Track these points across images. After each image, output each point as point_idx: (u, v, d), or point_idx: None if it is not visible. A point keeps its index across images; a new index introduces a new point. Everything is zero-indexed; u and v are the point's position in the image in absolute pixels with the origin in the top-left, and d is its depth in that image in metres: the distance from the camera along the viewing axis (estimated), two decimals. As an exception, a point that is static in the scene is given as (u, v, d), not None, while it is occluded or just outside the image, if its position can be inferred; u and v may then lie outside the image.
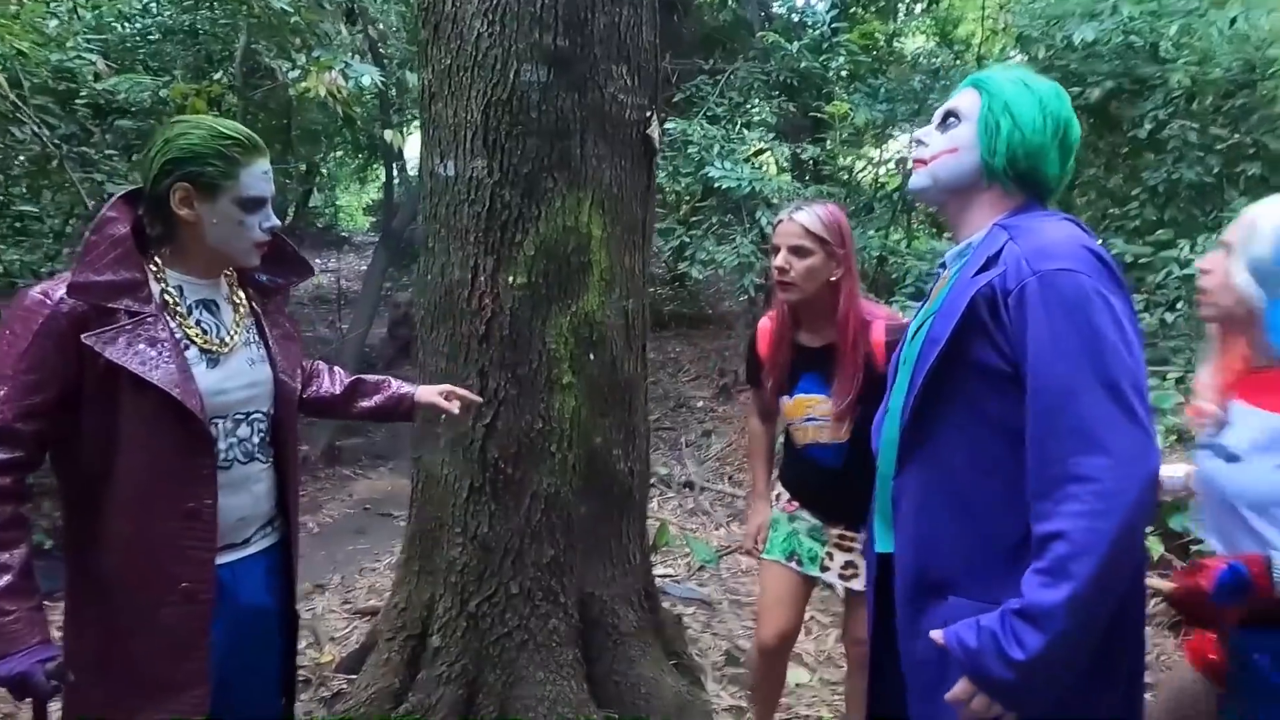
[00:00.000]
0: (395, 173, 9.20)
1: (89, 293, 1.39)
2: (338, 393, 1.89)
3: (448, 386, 1.96)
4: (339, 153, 13.21)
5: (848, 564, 2.27)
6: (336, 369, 1.96)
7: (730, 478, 5.73)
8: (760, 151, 6.89)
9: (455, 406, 1.93)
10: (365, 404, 1.90)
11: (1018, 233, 1.32)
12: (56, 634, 1.46)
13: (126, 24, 5.94)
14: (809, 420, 2.26)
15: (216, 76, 4.41)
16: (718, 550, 4.31)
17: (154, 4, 5.92)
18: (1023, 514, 1.26)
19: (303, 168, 7.70)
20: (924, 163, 1.46)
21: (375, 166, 14.86)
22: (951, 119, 1.44)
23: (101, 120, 5.59)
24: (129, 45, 5.97)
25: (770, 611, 2.35)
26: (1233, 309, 1.54)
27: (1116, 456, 1.17)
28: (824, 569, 2.31)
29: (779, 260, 2.17)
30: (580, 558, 2.57)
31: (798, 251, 2.15)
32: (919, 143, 1.48)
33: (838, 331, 2.19)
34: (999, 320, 1.27)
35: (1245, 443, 1.46)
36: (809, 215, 2.17)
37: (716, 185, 5.43)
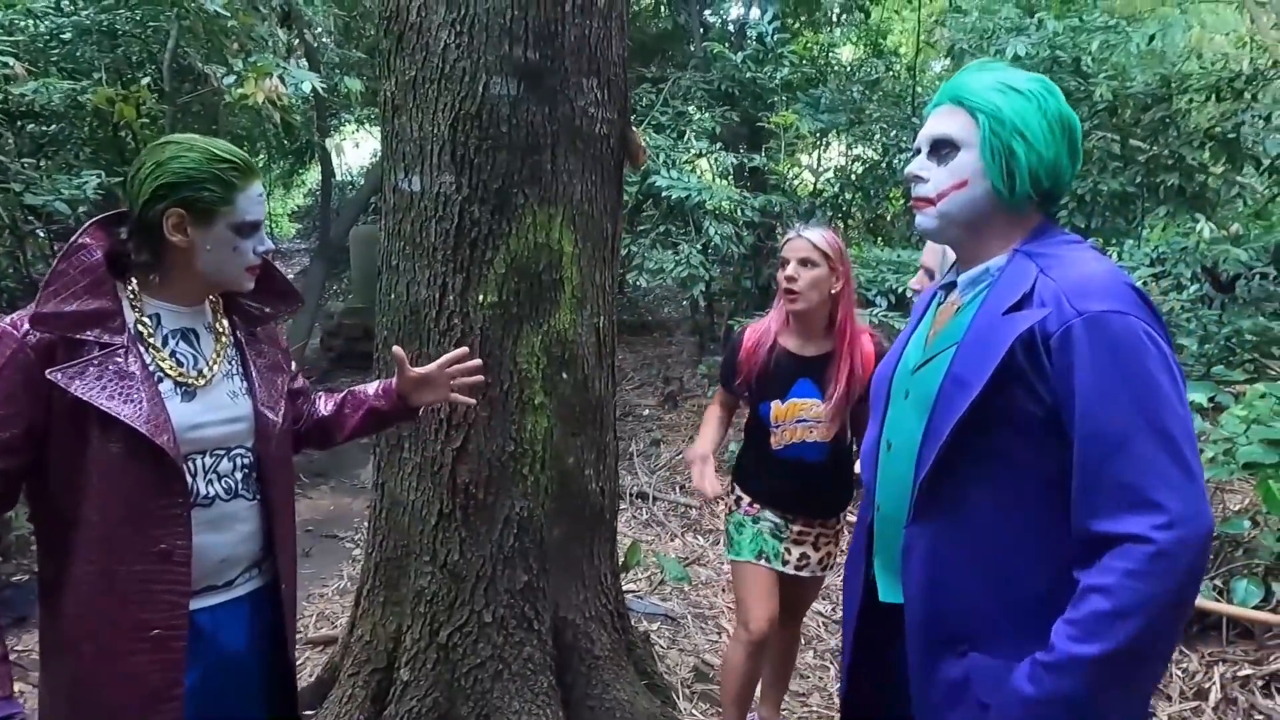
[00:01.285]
0: (330, 180, 8.90)
1: (54, 324, 1.31)
2: (328, 413, 1.78)
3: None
4: (262, 158, 12.78)
5: (801, 556, 2.52)
6: (336, 394, 1.85)
7: (682, 487, 5.70)
8: (698, 156, 6.91)
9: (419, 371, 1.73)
10: (357, 415, 1.77)
11: (1049, 264, 1.24)
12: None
13: (36, 23, 5.59)
14: (799, 421, 2.44)
15: (143, 80, 4.17)
16: (678, 562, 4.28)
17: (66, 2, 5.58)
18: (1050, 567, 1.21)
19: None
20: (928, 201, 1.34)
21: (302, 172, 14.40)
22: (947, 148, 1.32)
23: (11, 125, 5.26)
24: (39, 45, 5.63)
25: (756, 605, 2.49)
26: None
27: (1172, 514, 1.09)
28: (784, 563, 2.51)
29: (789, 271, 2.38)
30: (553, 581, 2.50)
31: (805, 264, 2.37)
32: (917, 178, 1.36)
33: (836, 340, 2.42)
34: (1038, 365, 1.18)
35: None
36: (815, 234, 2.40)
37: (664, 195, 5.41)
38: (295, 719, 1.65)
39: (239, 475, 1.49)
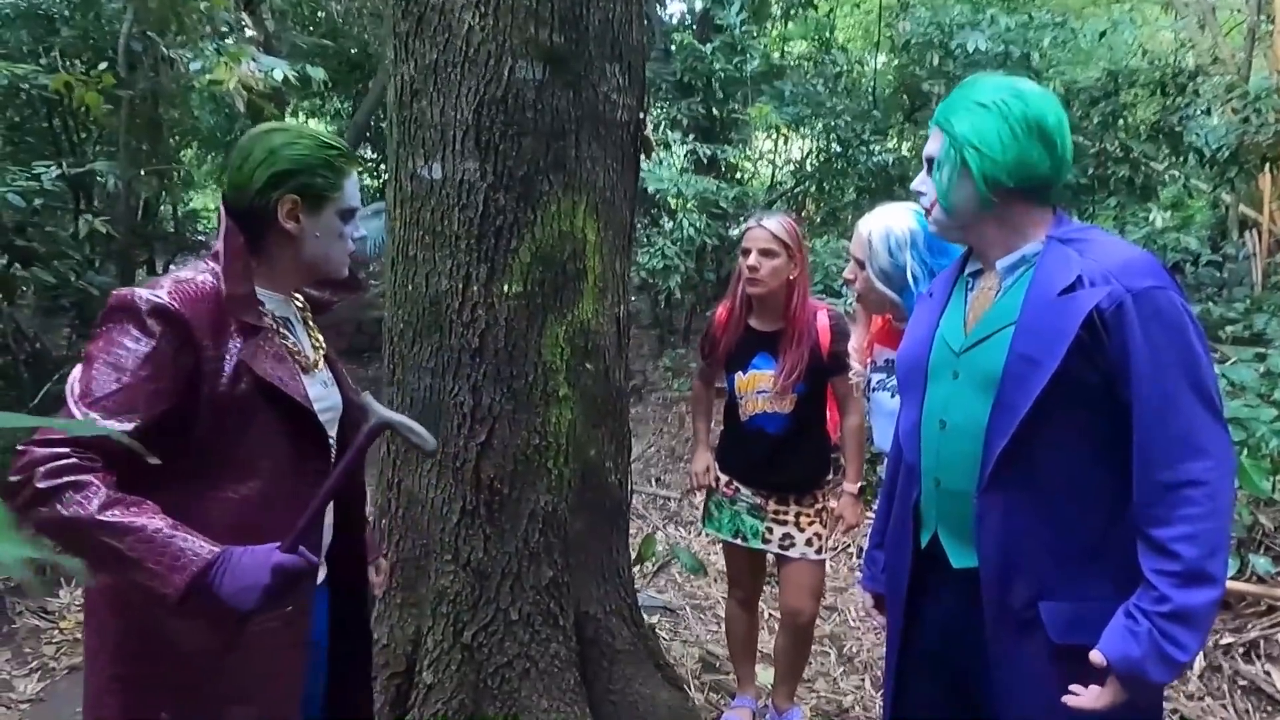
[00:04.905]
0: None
1: (240, 306, 1.31)
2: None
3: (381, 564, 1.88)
4: (191, 151, 12.26)
5: (785, 536, 2.63)
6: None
7: (657, 479, 5.70)
8: (666, 147, 6.90)
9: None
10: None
11: (1084, 248, 1.38)
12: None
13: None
14: (760, 393, 2.60)
15: (101, 66, 3.95)
16: (666, 549, 4.27)
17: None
18: (1103, 515, 1.36)
19: (178, 168, 7.06)
20: (927, 211, 1.54)
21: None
22: (933, 165, 1.49)
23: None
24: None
25: (739, 575, 2.82)
26: (883, 303, 2.13)
27: (1216, 457, 1.28)
28: (765, 541, 2.65)
29: (751, 260, 2.51)
30: (574, 576, 2.46)
31: (766, 254, 2.50)
32: (919, 192, 1.54)
33: (787, 321, 2.56)
34: (1096, 337, 1.31)
35: None
36: (774, 223, 2.54)
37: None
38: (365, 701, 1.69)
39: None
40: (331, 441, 1.51)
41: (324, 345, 1.55)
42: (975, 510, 1.43)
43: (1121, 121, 6.25)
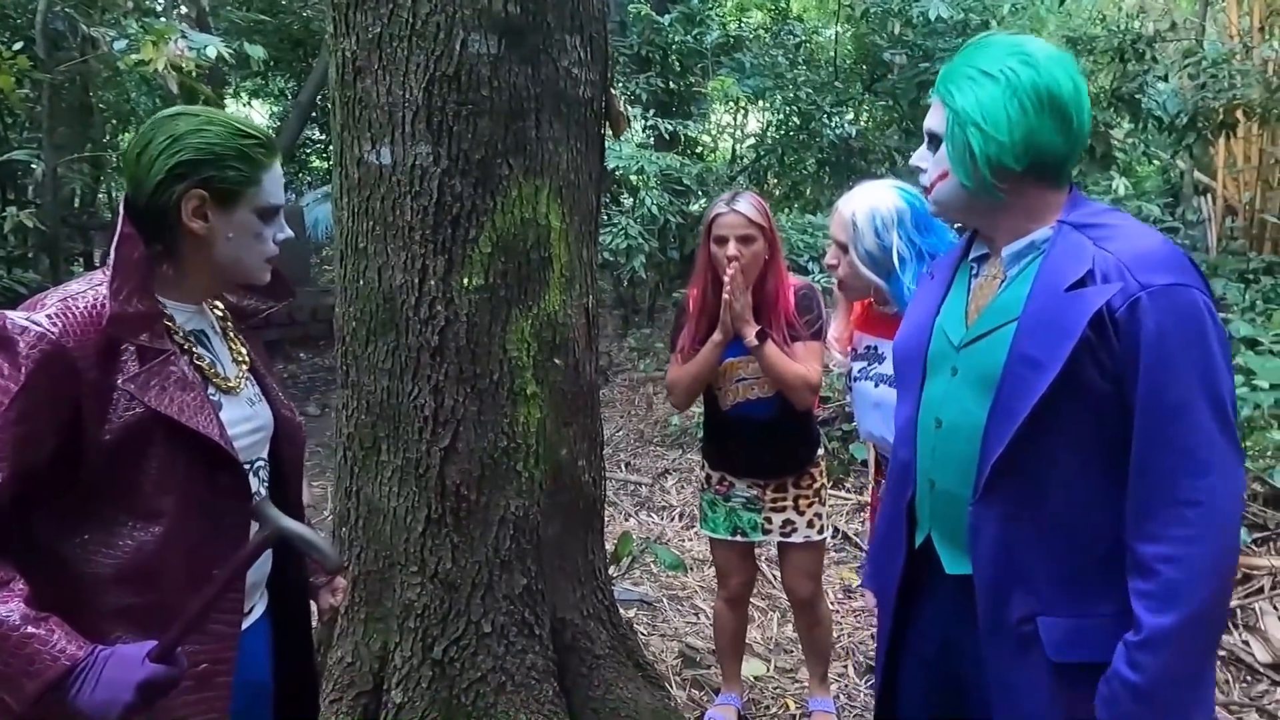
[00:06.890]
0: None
1: (130, 328, 1.13)
2: None
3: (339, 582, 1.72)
4: (129, 135, 11.78)
5: (786, 523, 2.57)
6: None
7: (627, 464, 5.59)
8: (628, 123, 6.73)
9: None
10: None
11: (1101, 236, 1.24)
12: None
13: None
14: (739, 380, 2.50)
15: (17, 47, 3.65)
16: (641, 540, 4.17)
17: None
18: (1111, 524, 1.25)
19: (112, 154, 6.71)
20: (926, 190, 1.41)
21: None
22: (935, 140, 1.35)
23: None
24: None
25: (730, 574, 2.70)
26: (866, 289, 2.08)
27: (1219, 475, 1.17)
28: (765, 532, 2.59)
29: (731, 250, 2.36)
30: (549, 581, 2.34)
31: (745, 240, 2.37)
32: (918, 168, 1.41)
33: (762, 302, 2.43)
34: (1105, 338, 1.19)
35: None
36: (747, 204, 2.39)
37: (596, 164, 5.21)
38: None
39: (263, 491, 1.33)
40: (261, 463, 1.36)
41: (248, 357, 1.38)
42: (969, 520, 1.33)
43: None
